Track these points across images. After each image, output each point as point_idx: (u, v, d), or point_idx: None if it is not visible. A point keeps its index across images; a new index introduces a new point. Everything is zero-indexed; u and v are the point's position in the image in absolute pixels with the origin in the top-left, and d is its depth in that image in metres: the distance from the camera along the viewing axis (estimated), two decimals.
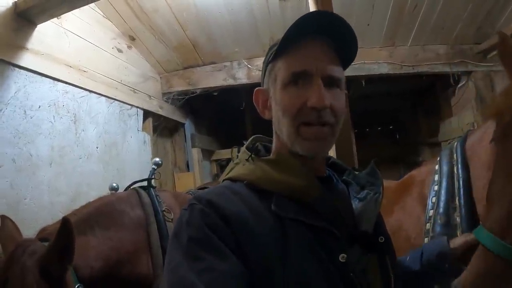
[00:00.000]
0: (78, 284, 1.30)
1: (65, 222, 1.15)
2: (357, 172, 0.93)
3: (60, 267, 1.20)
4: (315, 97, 0.76)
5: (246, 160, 0.85)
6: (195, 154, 4.26)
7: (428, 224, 1.30)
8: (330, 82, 0.79)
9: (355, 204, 0.85)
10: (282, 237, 0.71)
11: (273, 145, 0.89)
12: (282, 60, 0.81)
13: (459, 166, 1.26)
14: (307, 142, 0.78)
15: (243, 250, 0.67)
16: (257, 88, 0.91)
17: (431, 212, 1.30)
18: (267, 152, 0.89)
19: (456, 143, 1.36)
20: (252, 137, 0.95)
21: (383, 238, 0.82)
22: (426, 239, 1.28)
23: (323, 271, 0.70)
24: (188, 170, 4.20)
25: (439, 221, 1.25)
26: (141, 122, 3.36)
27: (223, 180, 0.86)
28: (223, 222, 0.69)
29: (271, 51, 0.85)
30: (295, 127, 0.78)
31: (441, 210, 1.27)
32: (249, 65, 3.72)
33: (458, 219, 1.20)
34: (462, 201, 1.21)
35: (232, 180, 0.83)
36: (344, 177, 0.93)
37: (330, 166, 0.96)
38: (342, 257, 0.71)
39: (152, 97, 3.56)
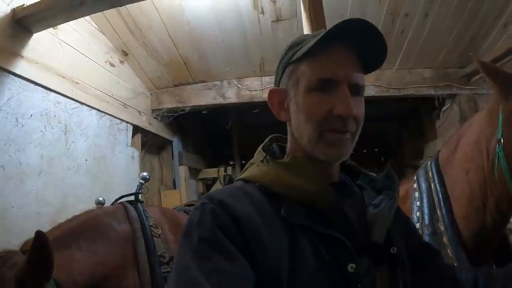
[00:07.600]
0: None
1: (37, 236, 1.11)
2: (374, 175, 0.91)
3: (35, 282, 1.15)
4: (343, 106, 0.74)
5: (261, 161, 0.83)
6: (182, 172, 4.21)
7: None
8: (355, 90, 0.78)
9: (370, 211, 0.82)
10: (290, 243, 0.70)
11: (288, 147, 0.87)
12: (307, 63, 0.79)
13: (436, 182, 1.36)
14: (330, 148, 0.77)
15: (251, 254, 0.66)
16: (272, 88, 0.88)
17: (417, 225, 1.36)
18: (282, 154, 0.87)
19: (429, 162, 1.45)
20: (270, 136, 0.93)
21: (395, 249, 0.77)
22: None
23: (331, 280, 0.69)
24: (175, 188, 4.14)
25: (426, 231, 1.32)
26: (130, 137, 3.33)
27: (236, 180, 0.85)
28: (234, 223, 0.67)
29: (292, 51, 0.81)
30: (319, 133, 0.77)
31: (426, 222, 1.34)
32: (239, 85, 3.75)
33: (442, 228, 1.29)
34: (443, 211, 1.30)
35: (245, 181, 0.82)
36: (358, 182, 0.91)
37: (344, 169, 0.93)
38: (351, 267, 0.69)
39: (141, 113, 3.54)
